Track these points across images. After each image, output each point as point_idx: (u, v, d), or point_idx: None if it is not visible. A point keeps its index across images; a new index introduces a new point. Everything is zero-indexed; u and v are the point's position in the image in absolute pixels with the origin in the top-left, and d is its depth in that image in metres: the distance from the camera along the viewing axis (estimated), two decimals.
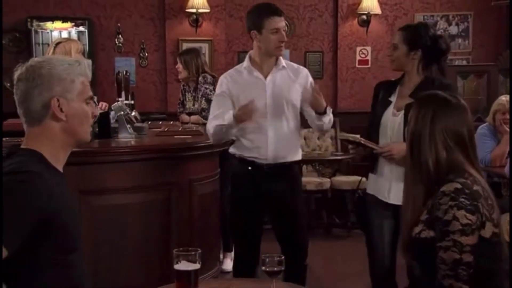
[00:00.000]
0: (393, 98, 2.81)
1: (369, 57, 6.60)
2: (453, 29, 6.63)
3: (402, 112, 2.68)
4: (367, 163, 2.89)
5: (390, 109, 2.78)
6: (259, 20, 2.96)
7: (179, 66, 4.77)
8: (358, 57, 6.59)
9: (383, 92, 2.86)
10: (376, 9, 6.40)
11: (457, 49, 6.61)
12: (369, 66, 6.61)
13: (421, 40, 2.73)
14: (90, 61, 1.75)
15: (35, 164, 1.58)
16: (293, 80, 3.04)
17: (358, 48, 6.58)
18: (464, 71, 5.76)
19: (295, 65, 3.15)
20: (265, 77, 3.02)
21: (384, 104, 2.81)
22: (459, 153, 1.80)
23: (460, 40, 6.64)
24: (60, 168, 1.68)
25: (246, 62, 3.06)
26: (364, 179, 5.48)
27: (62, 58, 1.73)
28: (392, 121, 2.74)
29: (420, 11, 6.63)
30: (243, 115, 2.83)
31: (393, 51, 2.80)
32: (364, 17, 6.48)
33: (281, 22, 2.94)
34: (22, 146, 1.68)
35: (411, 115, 1.88)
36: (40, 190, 1.53)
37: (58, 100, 1.63)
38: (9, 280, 1.54)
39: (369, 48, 6.59)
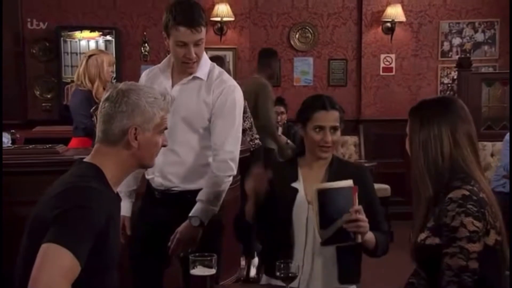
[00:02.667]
0: (298, 185, 2.24)
1: (393, 65, 6.58)
2: (479, 36, 6.56)
3: (317, 201, 2.07)
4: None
5: (301, 199, 2.21)
6: (167, 25, 2.34)
7: None
8: (382, 65, 6.58)
9: (282, 178, 2.25)
10: (400, 16, 6.39)
11: (483, 56, 6.55)
12: (393, 73, 6.58)
13: (343, 114, 2.32)
14: (174, 96, 1.80)
15: (95, 181, 1.65)
16: (202, 95, 2.39)
17: (382, 56, 6.56)
18: (489, 78, 5.69)
19: (218, 77, 2.42)
20: (173, 86, 2.43)
21: (288, 192, 2.22)
22: (469, 152, 1.81)
23: (486, 47, 6.57)
24: (115, 189, 1.75)
25: (162, 63, 2.51)
26: (388, 187, 5.58)
27: (150, 90, 1.78)
28: (310, 216, 2.14)
29: (445, 18, 6.58)
30: None
31: (333, 135, 2.23)
32: (389, 24, 6.47)
33: (191, 36, 2.29)
34: (86, 160, 1.74)
35: (410, 127, 1.88)
36: (100, 207, 1.59)
37: (135, 129, 1.70)
38: None
39: (393, 56, 6.57)
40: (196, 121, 2.40)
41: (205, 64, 2.44)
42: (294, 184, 2.25)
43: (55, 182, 1.69)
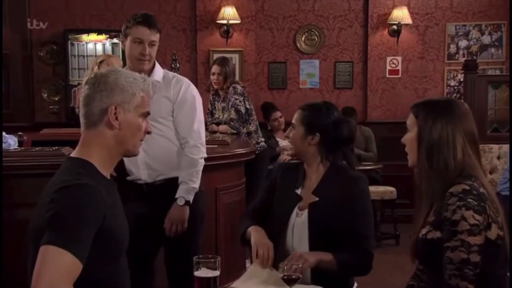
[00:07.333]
0: (301, 191, 2.31)
1: (399, 67, 6.57)
2: (486, 39, 6.55)
3: (305, 213, 2.24)
4: None
5: (295, 207, 2.30)
6: (127, 26, 2.72)
7: (219, 76, 4.72)
8: (388, 67, 6.57)
9: (288, 181, 2.35)
10: (407, 19, 6.38)
11: (489, 58, 6.53)
12: (399, 76, 6.58)
13: (320, 123, 2.28)
14: (155, 81, 1.79)
15: (88, 176, 1.64)
16: (161, 92, 2.70)
17: (389, 58, 6.56)
18: (495, 80, 5.66)
19: (174, 76, 2.80)
20: None
21: (291, 198, 2.30)
22: (473, 154, 1.83)
23: (493, 50, 6.55)
24: (107, 175, 1.74)
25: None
26: (394, 189, 5.57)
27: (130, 72, 1.81)
28: (297, 223, 2.26)
29: (451, 20, 6.57)
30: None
31: (290, 131, 2.35)
32: (395, 27, 6.47)
33: (148, 35, 2.67)
34: (74, 155, 1.74)
35: (420, 124, 1.89)
36: (95, 202, 1.58)
37: (115, 108, 1.70)
38: None
39: (399, 58, 6.56)
40: (156, 113, 2.62)
41: (159, 69, 2.79)
42: (298, 191, 2.32)
43: (46, 185, 1.67)
